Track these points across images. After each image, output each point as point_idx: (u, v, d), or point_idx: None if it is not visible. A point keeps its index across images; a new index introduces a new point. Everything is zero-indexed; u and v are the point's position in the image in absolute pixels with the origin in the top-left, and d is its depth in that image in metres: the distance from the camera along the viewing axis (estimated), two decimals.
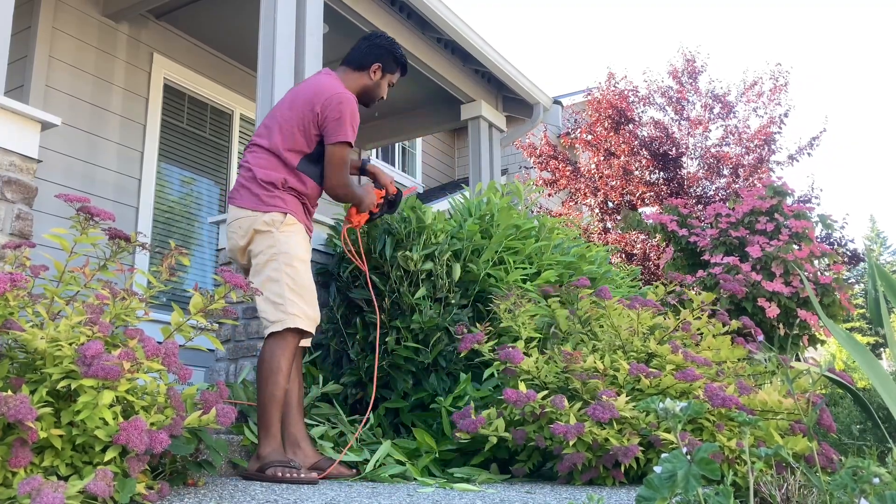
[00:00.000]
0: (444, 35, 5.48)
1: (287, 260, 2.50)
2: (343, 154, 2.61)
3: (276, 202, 2.55)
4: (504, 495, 2.05)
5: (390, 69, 2.83)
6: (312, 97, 2.60)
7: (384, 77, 2.82)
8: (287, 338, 2.46)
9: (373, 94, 2.83)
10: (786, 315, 4.85)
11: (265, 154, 2.61)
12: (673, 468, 1.12)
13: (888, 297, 1.89)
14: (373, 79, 2.80)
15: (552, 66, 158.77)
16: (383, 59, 2.79)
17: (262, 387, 2.43)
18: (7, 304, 1.71)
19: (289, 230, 2.55)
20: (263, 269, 2.51)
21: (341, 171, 2.63)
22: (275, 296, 2.45)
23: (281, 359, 2.44)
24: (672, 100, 9.88)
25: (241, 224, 2.58)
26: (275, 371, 2.42)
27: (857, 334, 18.39)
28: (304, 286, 2.52)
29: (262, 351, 2.48)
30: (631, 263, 8.82)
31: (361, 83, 2.79)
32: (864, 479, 1.33)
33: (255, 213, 2.55)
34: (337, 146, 2.59)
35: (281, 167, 2.59)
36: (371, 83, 2.80)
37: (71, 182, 4.70)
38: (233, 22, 5.40)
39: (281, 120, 2.64)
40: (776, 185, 5.43)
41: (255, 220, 2.54)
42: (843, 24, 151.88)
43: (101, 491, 1.47)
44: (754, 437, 2.31)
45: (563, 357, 2.55)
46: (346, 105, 2.59)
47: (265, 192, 2.56)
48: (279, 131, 2.61)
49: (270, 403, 2.41)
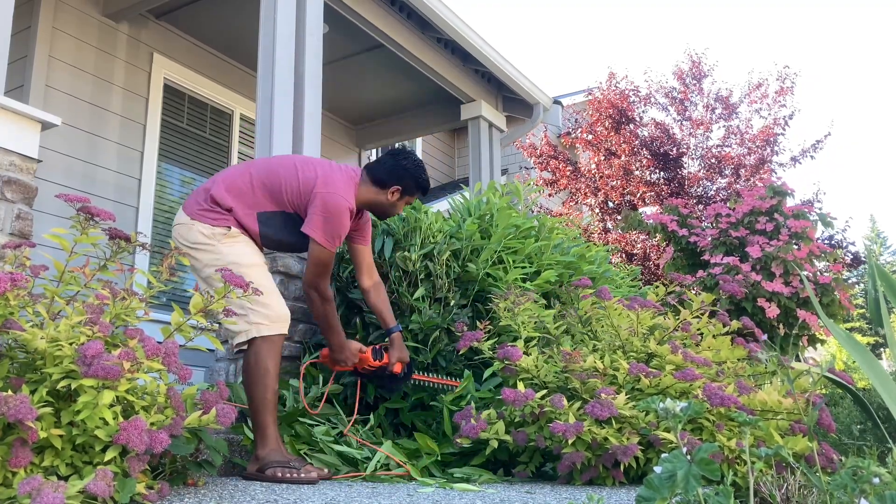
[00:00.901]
0: (444, 35, 5.48)
1: (237, 270, 2.32)
2: (320, 257, 2.48)
3: (216, 217, 2.46)
4: (504, 495, 2.05)
5: (410, 193, 2.71)
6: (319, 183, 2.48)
7: (402, 199, 2.71)
8: (270, 339, 2.41)
9: (386, 213, 2.73)
10: (786, 315, 4.85)
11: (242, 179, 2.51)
12: (673, 468, 1.12)
13: (888, 297, 1.89)
14: (389, 199, 2.67)
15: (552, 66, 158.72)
16: (404, 184, 2.67)
17: (252, 392, 2.38)
18: (7, 303, 1.71)
19: (231, 241, 2.45)
20: (215, 281, 2.34)
21: (318, 274, 2.51)
22: (235, 307, 2.27)
23: (267, 360, 2.38)
24: (675, 100, 9.87)
25: (179, 231, 2.48)
26: (262, 374, 2.37)
27: (857, 334, 18.39)
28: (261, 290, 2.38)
29: (246, 356, 2.41)
30: (631, 263, 8.82)
31: (376, 199, 2.67)
32: (864, 479, 1.33)
33: (192, 221, 2.44)
34: (314, 243, 2.47)
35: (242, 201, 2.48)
36: (386, 203, 2.68)
37: (71, 182, 4.70)
38: (233, 22, 5.41)
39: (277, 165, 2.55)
40: (776, 185, 5.43)
41: (191, 231, 2.44)
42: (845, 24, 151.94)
43: (101, 491, 1.47)
44: (754, 437, 2.31)
45: (563, 357, 2.55)
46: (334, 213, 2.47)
47: (207, 205, 2.46)
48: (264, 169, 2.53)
49: (264, 406, 2.37)
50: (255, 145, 3.88)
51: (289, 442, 2.67)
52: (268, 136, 3.71)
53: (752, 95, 9.83)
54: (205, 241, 2.43)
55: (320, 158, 2.73)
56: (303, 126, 3.86)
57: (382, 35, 5.18)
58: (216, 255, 2.42)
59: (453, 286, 3.19)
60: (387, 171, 2.65)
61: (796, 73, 9.86)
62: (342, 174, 2.57)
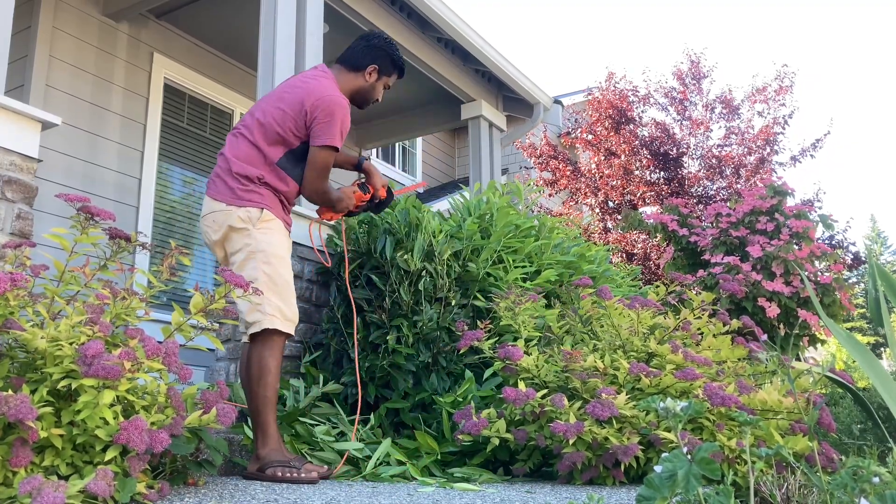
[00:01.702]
0: (444, 34, 5.48)
1: (264, 258, 2.41)
2: (327, 159, 2.50)
3: (252, 196, 2.46)
4: (504, 495, 2.05)
5: (387, 72, 2.72)
6: (304, 95, 2.49)
7: (380, 80, 2.71)
8: (273, 337, 2.40)
9: (367, 97, 2.72)
10: (786, 315, 4.85)
11: (246, 145, 2.51)
12: (673, 468, 1.12)
13: (888, 297, 1.89)
14: (368, 80, 2.68)
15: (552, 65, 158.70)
16: (380, 62, 2.68)
17: (253, 390, 2.37)
18: (7, 303, 1.71)
19: (265, 226, 2.46)
20: (242, 268, 2.41)
21: (322, 176, 2.53)
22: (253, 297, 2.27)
23: (269, 359, 2.38)
24: (675, 100, 9.87)
25: (215, 218, 2.48)
26: (264, 373, 2.36)
27: (857, 334, 18.39)
28: (280, 284, 2.43)
29: (249, 353, 2.40)
30: (631, 263, 8.82)
31: (356, 84, 2.68)
32: (865, 478, 1.33)
33: (229, 207, 2.45)
34: (322, 149, 2.48)
35: (260, 162, 2.49)
36: (366, 85, 2.69)
37: (71, 181, 4.70)
38: (233, 21, 5.41)
39: (267, 111, 2.53)
40: (776, 184, 5.43)
41: (230, 216, 2.44)
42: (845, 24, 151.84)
43: (102, 490, 1.47)
44: (754, 436, 2.31)
45: (563, 356, 2.55)
46: (338, 110, 2.48)
47: (240, 186, 2.46)
48: (263, 123, 2.51)
49: (264, 405, 2.36)
50: None
51: (289, 441, 2.67)
52: None
53: (755, 97, 9.82)
54: (241, 224, 2.44)
55: (288, 80, 2.69)
56: None
57: None
58: (248, 241, 2.43)
59: (454, 286, 3.19)
60: (359, 54, 2.67)
61: (794, 72, 9.86)
62: (324, 78, 2.57)
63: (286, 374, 3.27)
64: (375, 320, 3.16)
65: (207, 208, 2.51)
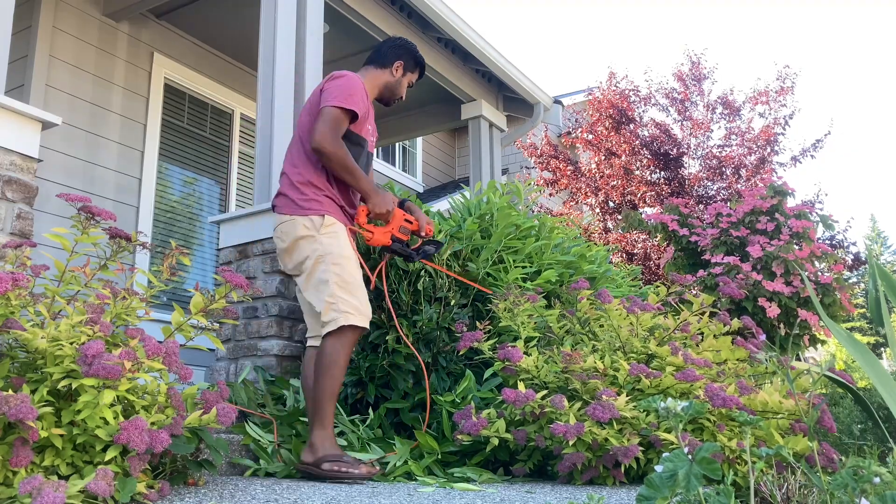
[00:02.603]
0: (444, 34, 5.48)
1: (333, 259, 2.55)
2: (335, 114, 2.55)
3: (313, 205, 2.59)
4: (504, 495, 2.05)
5: (410, 68, 2.93)
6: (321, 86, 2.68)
7: (405, 76, 2.92)
8: (346, 333, 2.51)
9: (394, 92, 2.91)
10: (786, 315, 4.84)
11: (295, 157, 2.67)
12: (674, 467, 1.12)
13: (889, 297, 1.89)
14: (394, 76, 2.89)
15: (552, 65, 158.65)
16: (404, 58, 2.89)
17: (319, 380, 2.47)
18: (8, 303, 1.71)
19: (330, 231, 2.59)
20: (314, 272, 2.56)
21: (333, 130, 2.54)
22: (328, 296, 2.50)
23: (340, 353, 2.49)
24: (675, 101, 9.87)
25: (283, 229, 2.63)
26: (333, 364, 2.47)
27: (857, 334, 18.39)
28: (351, 282, 2.55)
29: (323, 346, 2.52)
30: (631, 263, 8.81)
31: (383, 80, 2.87)
32: (865, 478, 1.33)
33: (293, 217, 2.60)
34: (331, 108, 2.55)
35: (308, 168, 2.63)
36: (392, 80, 2.89)
37: (71, 181, 4.70)
38: (233, 21, 5.41)
39: (302, 122, 2.71)
40: (777, 184, 5.43)
41: (296, 226, 2.59)
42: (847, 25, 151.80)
43: (102, 490, 1.47)
44: (755, 436, 2.31)
45: (563, 357, 2.55)
46: (348, 80, 2.63)
47: (300, 196, 2.60)
48: (300, 134, 2.69)
49: (330, 396, 2.46)
50: (255, 145, 3.88)
51: (292, 442, 2.67)
52: (268, 135, 3.71)
53: (756, 99, 9.82)
54: (306, 232, 2.57)
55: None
56: None
57: (383, 35, 5.17)
58: (316, 245, 2.56)
59: (454, 286, 3.19)
60: (385, 52, 2.88)
61: (796, 72, 9.85)
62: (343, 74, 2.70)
63: (286, 374, 3.27)
64: (375, 320, 3.16)
65: (276, 221, 2.68)
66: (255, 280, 3.44)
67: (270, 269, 3.40)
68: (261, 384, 3.13)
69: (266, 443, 2.62)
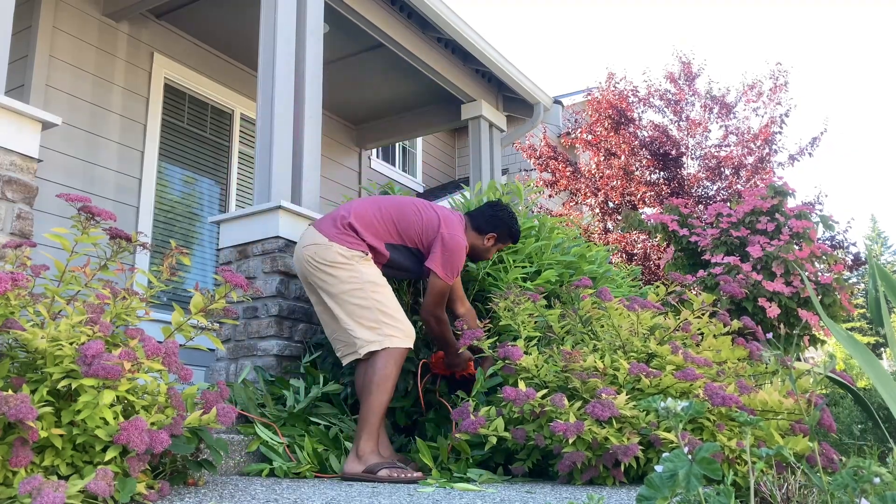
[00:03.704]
0: (444, 35, 5.48)
1: (373, 288, 2.70)
2: (443, 289, 2.79)
3: (352, 241, 2.75)
4: (504, 495, 2.05)
5: (503, 241, 3.05)
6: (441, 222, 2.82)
7: (495, 245, 3.04)
8: (394, 352, 2.64)
9: (480, 255, 3.04)
10: (786, 315, 4.84)
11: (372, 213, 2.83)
12: (674, 467, 1.12)
13: (888, 297, 1.89)
14: (485, 245, 3.00)
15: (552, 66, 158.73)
16: (499, 232, 3.01)
17: (373, 391, 2.57)
18: (8, 303, 1.71)
19: (367, 263, 2.76)
20: (349, 297, 2.69)
21: (439, 301, 2.82)
22: (369, 322, 2.65)
23: (392, 367, 2.61)
24: (670, 102, 9.87)
25: (315, 250, 2.74)
26: (387, 378, 2.59)
27: (857, 334, 18.39)
28: (393, 307, 2.71)
29: (374, 362, 2.63)
30: (631, 263, 8.81)
31: (475, 244, 2.99)
32: (865, 479, 1.33)
33: (330, 243, 2.73)
34: (435, 279, 2.78)
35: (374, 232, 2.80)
36: (482, 247, 3.01)
37: (71, 181, 4.70)
38: (233, 21, 5.41)
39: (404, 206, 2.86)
40: (777, 185, 5.43)
41: (330, 251, 2.71)
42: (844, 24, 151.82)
43: (102, 490, 1.47)
44: (755, 436, 2.31)
45: (563, 356, 2.55)
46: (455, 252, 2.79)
47: (344, 231, 2.76)
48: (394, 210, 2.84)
49: (380, 409, 2.57)
50: (255, 145, 3.88)
51: (296, 443, 2.67)
52: (268, 135, 3.71)
53: (747, 95, 9.82)
54: (344, 260, 2.72)
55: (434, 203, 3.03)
56: (303, 126, 3.85)
57: (383, 35, 5.18)
58: (355, 274, 2.71)
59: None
60: (486, 220, 3.00)
61: (787, 70, 9.87)
62: (456, 218, 2.91)
63: (286, 374, 3.27)
64: None
65: (310, 239, 2.80)
66: (254, 280, 3.43)
67: (270, 269, 3.40)
68: (261, 384, 3.13)
69: (276, 443, 2.63)
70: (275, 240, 3.42)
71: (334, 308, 2.72)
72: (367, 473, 2.44)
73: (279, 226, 3.43)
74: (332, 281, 2.71)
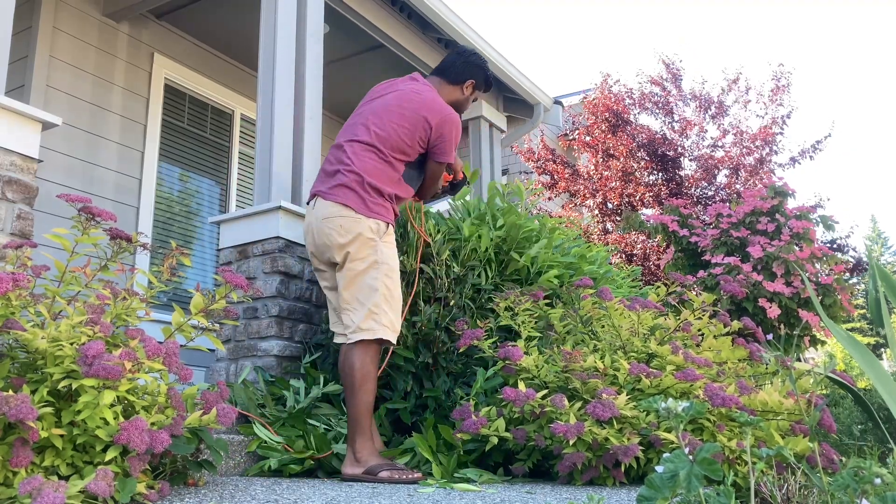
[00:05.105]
0: (444, 35, 5.48)
1: (387, 270, 2.61)
2: (442, 171, 2.84)
3: (381, 211, 2.64)
4: (504, 495, 2.05)
5: (480, 87, 3.00)
6: (427, 111, 2.71)
7: (473, 93, 2.98)
8: (373, 346, 2.57)
9: (461, 108, 2.98)
10: (787, 315, 4.84)
11: (372, 157, 2.67)
12: (675, 468, 1.12)
13: (889, 298, 1.89)
14: (464, 94, 2.95)
15: (552, 66, 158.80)
16: (476, 77, 2.96)
17: (355, 393, 2.51)
18: (9, 303, 1.71)
19: (389, 240, 2.66)
20: (362, 275, 2.58)
21: (436, 184, 2.88)
22: (371, 304, 2.55)
23: (371, 365, 2.55)
24: (659, 104, 9.85)
25: (342, 223, 2.60)
26: (367, 379, 2.53)
27: (857, 334, 18.39)
28: (396, 297, 2.64)
29: (351, 357, 2.54)
30: (631, 264, 8.81)
31: (454, 97, 2.94)
32: (866, 479, 1.33)
33: (358, 216, 2.61)
34: (442, 165, 2.80)
35: (390, 179, 2.68)
36: (462, 98, 2.96)
37: (71, 182, 4.70)
38: (233, 22, 5.41)
39: (387, 125, 2.70)
40: (777, 185, 5.43)
41: (360, 224, 2.60)
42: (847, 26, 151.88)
43: (102, 490, 1.47)
44: (755, 437, 2.31)
45: (563, 356, 2.55)
46: (457, 128, 2.76)
47: (371, 199, 2.63)
48: (386, 138, 2.69)
49: (367, 409, 2.52)
50: (255, 145, 3.88)
51: (293, 442, 2.67)
52: (268, 136, 3.71)
53: (735, 90, 9.76)
54: (370, 235, 2.61)
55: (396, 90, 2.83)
56: (303, 126, 3.85)
57: (383, 35, 5.18)
58: (373, 251, 2.60)
59: (453, 286, 3.19)
60: (459, 69, 2.93)
61: (790, 71, 9.83)
62: (431, 91, 2.82)
63: (286, 374, 3.27)
64: None
65: (333, 211, 2.62)
66: (255, 280, 3.43)
67: (270, 270, 3.40)
68: (261, 385, 3.13)
69: (274, 443, 2.63)
70: (275, 240, 3.42)
71: (342, 283, 2.61)
72: (367, 475, 2.43)
73: (279, 226, 3.43)
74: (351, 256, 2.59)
